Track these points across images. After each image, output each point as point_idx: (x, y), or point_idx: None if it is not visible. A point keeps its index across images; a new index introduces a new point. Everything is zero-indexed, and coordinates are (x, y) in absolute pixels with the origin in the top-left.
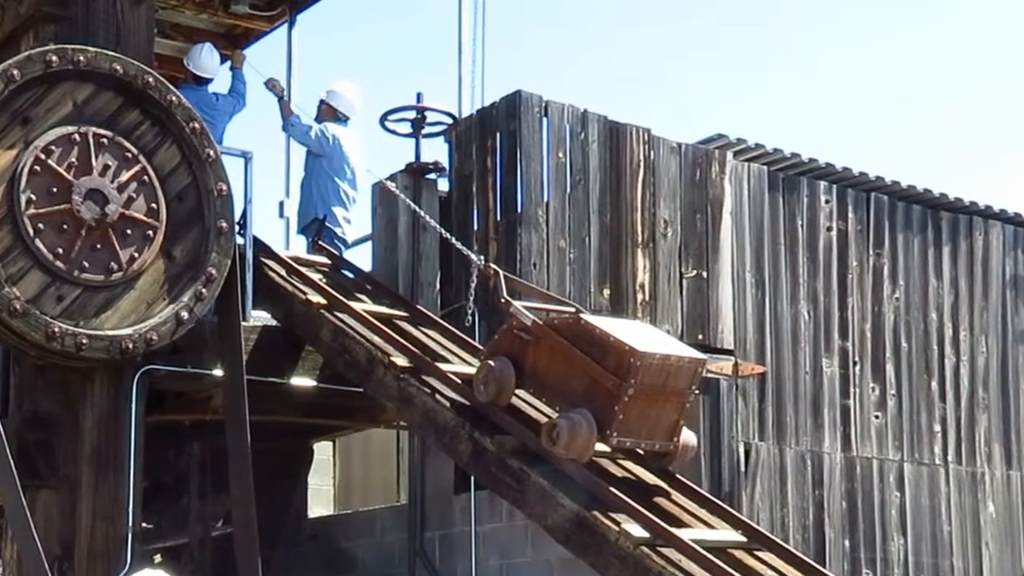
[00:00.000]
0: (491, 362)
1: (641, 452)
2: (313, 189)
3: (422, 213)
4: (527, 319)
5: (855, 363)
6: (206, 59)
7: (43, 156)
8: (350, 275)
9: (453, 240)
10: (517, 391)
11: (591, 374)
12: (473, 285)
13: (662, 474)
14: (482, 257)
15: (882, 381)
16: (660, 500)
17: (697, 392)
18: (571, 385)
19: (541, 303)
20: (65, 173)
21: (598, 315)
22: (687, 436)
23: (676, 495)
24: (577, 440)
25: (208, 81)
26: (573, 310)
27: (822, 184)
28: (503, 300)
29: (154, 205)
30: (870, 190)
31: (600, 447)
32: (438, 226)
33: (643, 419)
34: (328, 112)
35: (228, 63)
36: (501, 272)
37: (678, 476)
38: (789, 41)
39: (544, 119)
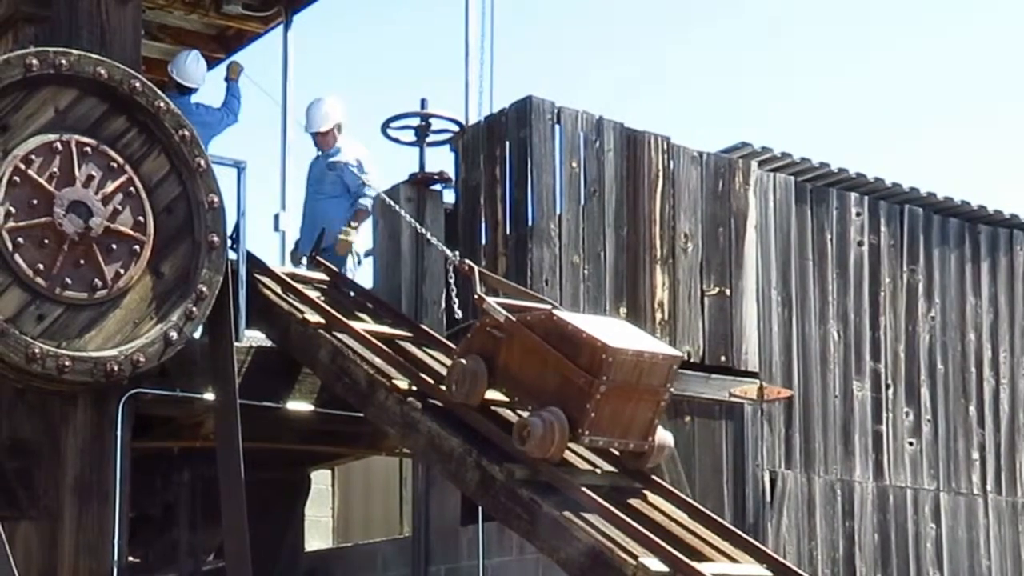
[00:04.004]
0: (463, 360)
1: (615, 452)
2: (329, 210)
3: (397, 208)
4: (500, 315)
5: (888, 386)
6: (191, 67)
7: (23, 166)
8: (350, 292)
9: (430, 236)
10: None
11: (563, 371)
12: (452, 282)
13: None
14: (456, 253)
15: (917, 405)
16: (680, 531)
17: (672, 390)
18: (544, 383)
19: (518, 300)
20: (46, 184)
21: None
22: (662, 435)
23: (701, 529)
24: (548, 439)
25: (192, 91)
26: (549, 307)
27: (853, 196)
28: (476, 296)
29: (141, 218)
30: (904, 202)
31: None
32: (414, 222)
33: (617, 417)
34: (333, 137)
35: (211, 69)
36: (476, 268)
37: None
38: (817, 43)
39: (556, 126)
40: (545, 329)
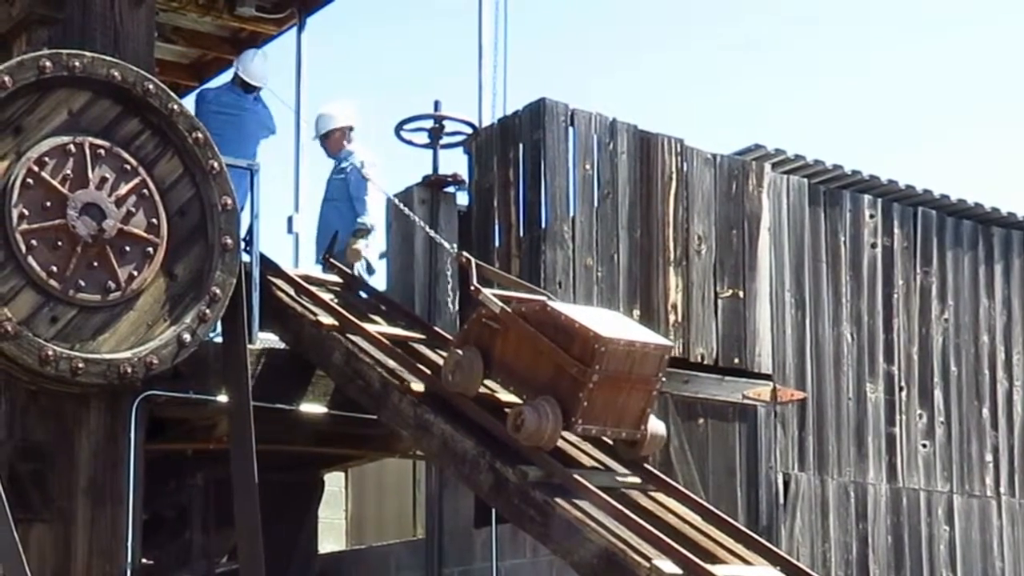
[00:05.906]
0: (459, 351)
1: (608, 441)
2: (330, 214)
3: (404, 209)
4: (495, 307)
5: (901, 388)
6: (257, 65)
7: (36, 168)
8: (363, 295)
9: (428, 229)
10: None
11: (556, 361)
12: (449, 274)
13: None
14: (454, 246)
15: (930, 407)
16: (693, 533)
17: (664, 380)
18: (537, 373)
19: (514, 292)
20: (59, 186)
21: None
22: (655, 425)
23: (714, 531)
24: (541, 428)
25: (257, 89)
26: (544, 298)
27: (866, 198)
28: (472, 288)
29: (154, 220)
30: (917, 204)
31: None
32: (413, 215)
33: (609, 406)
34: (337, 141)
35: (224, 71)
36: (474, 260)
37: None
38: (831, 45)
39: (570, 129)
40: (539, 320)
